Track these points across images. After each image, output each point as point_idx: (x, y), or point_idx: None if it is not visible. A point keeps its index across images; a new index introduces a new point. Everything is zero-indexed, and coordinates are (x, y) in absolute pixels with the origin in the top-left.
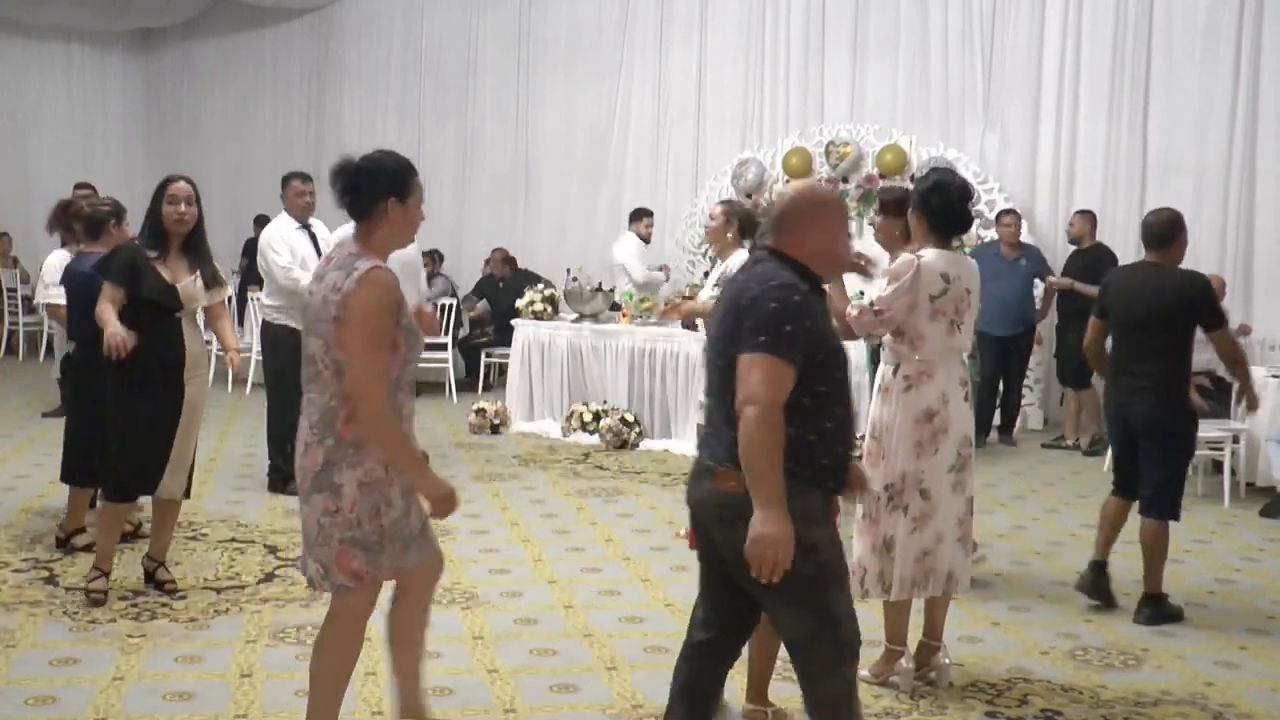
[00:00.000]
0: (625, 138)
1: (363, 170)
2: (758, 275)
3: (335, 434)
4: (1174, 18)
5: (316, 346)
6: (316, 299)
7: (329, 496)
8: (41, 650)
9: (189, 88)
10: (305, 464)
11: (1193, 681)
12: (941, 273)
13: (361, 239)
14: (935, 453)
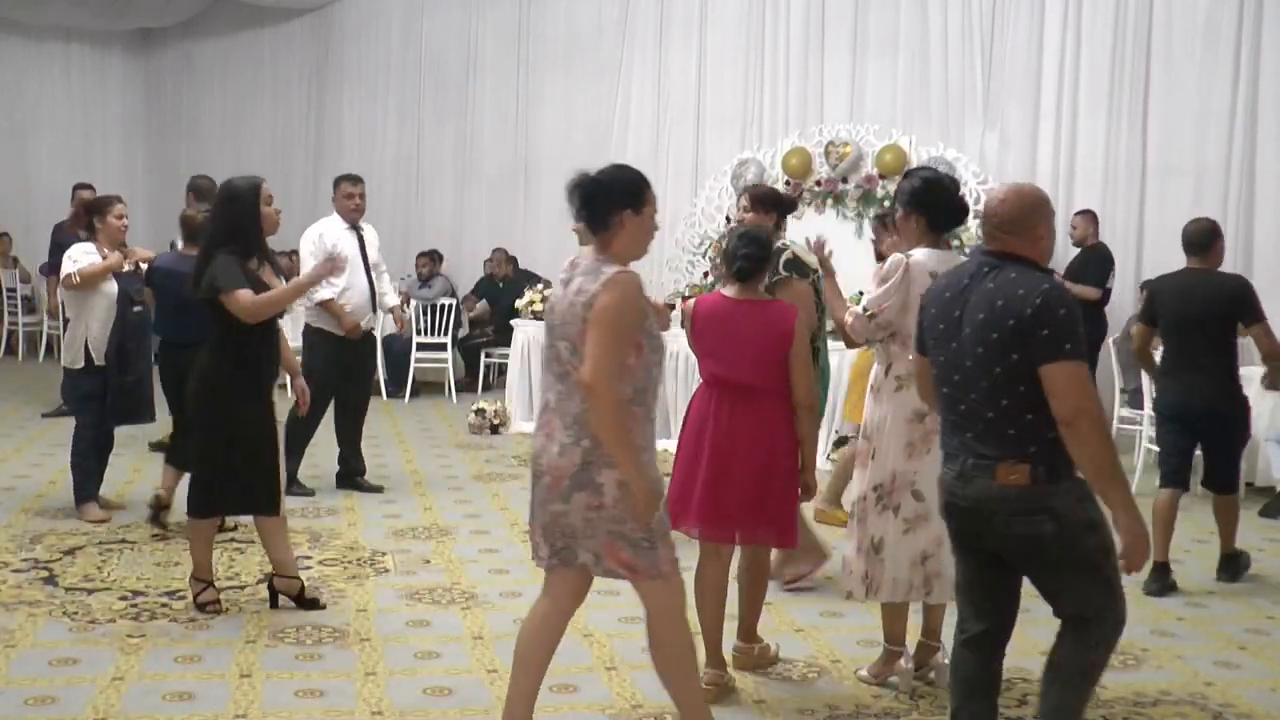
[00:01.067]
0: (625, 137)
1: (600, 184)
2: (1014, 283)
3: (592, 435)
4: (1174, 18)
5: (564, 349)
6: (563, 303)
7: (590, 494)
8: (41, 650)
9: (189, 87)
10: (562, 463)
11: (1192, 681)
12: (931, 271)
13: (601, 248)
14: (927, 453)
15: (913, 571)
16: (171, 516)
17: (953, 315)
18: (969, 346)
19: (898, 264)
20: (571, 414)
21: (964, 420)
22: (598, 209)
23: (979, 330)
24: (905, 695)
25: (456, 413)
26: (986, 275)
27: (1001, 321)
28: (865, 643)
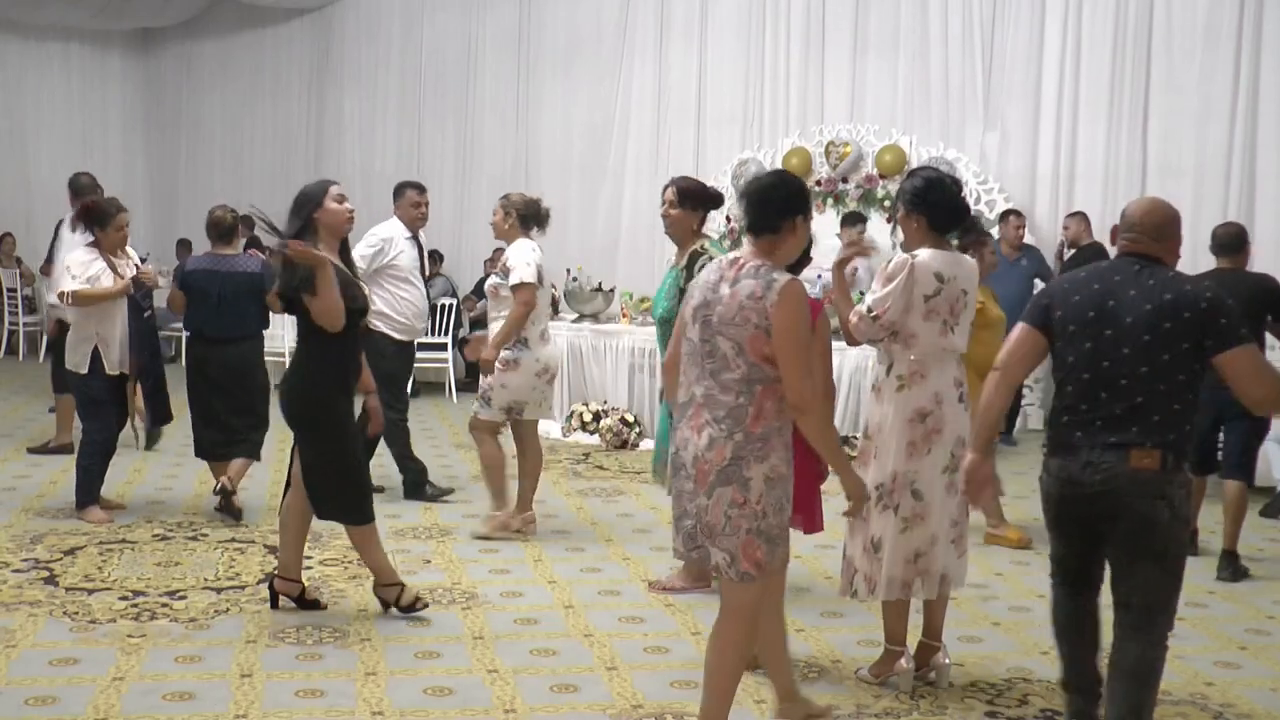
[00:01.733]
0: (625, 138)
1: (776, 190)
2: (1178, 280)
3: (744, 430)
4: (1174, 18)
5: (727, 347)
6: (729, 303)
7: (737, 489)
8: (42, 650)
9: (189, 87)
10: (710, 457)
11: (1193, 681)
12: (936, 272)
13: (765, 252)
14: (928, 453)
15: (906, 569)
16: (171, 516)
17: (1106, 305)
18: (1134, 334)
19: (903, 264)
20: (724, 408)
21: (1102, 406)
22: (771, 213)
23: (1148, 319)
24: (906, 695)
25: (456, 413)
26: (1139, 272)
27: (1175, 313)
28: (865, 643)
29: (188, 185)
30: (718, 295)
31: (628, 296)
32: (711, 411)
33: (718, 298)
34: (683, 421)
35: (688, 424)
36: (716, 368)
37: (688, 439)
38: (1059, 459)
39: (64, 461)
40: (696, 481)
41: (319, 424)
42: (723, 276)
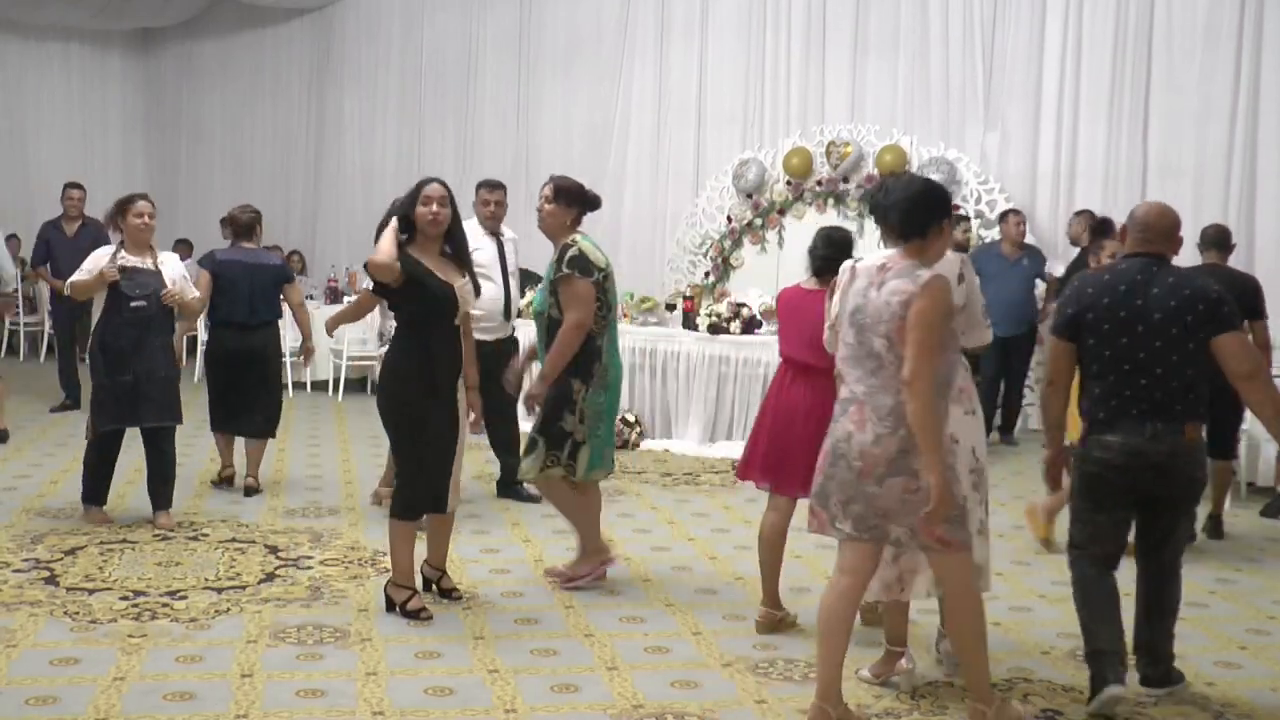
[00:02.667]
0: (625, 138)
1: (926, 196)
2: (1190, 276)
3: (907, 426)
4: (1174, 18)
5: (880, 345)
6: (879, 303)
7: (907, 479)
8: (42, 650)
9: (189, 87)
10: (876, 451)
11: (1193, 682)
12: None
13: (915, 253)
14: None
15: (885, 569)
16: (173, 517)
17: (1134, 304)
18: (1164, 328)
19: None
20: (887, 405)
21: (1145, 392)
22: (920, 219)
23: (1173, 314)
24: (906, 694)
25: None
26: (1157, 272)
27: (1193, 306)
28: (865, 643)
29: (188, 185)
30: (867, 299)
31: (628, 296)
32: (875, 409)
33: (866, 302)
34: (843, 416)
35: (849, 419)
36: (875, 367)
37: (850, 433)
38: (1120, 435)
39: (64, 461)
40: (862, 473)
41: (393, 418)
42: (871, 282)
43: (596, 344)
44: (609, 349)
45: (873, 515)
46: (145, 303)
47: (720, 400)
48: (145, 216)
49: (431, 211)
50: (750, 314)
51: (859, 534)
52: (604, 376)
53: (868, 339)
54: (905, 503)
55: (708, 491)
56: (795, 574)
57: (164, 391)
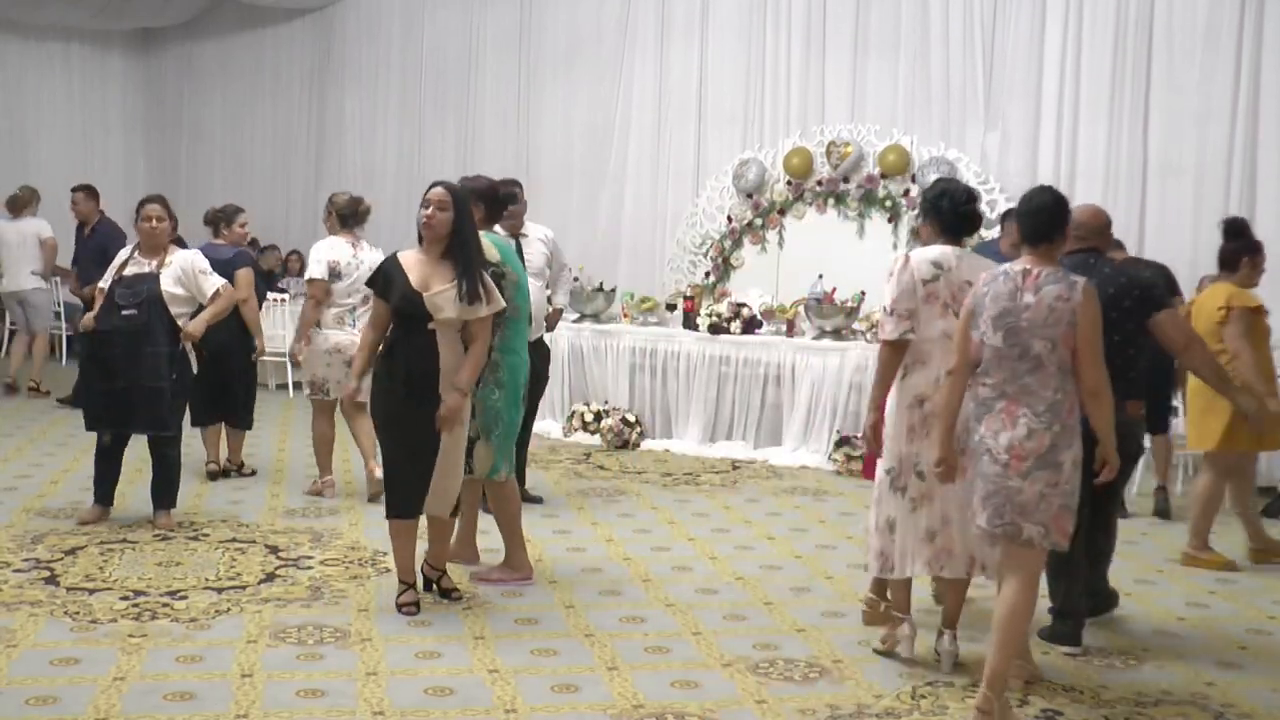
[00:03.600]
0: (626, 138)
1: (1057, 206)
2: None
3: (1062, 421)
4: (1174, 18)
5: (1041, 347)
6: (1039, 309)
7: (1051, 472)
8: (42, 650)
9: (189, 88)
10: (1030, 445)
11: (1193, 681)
12: (933, 261)
13: (1044, 257)
14: (928, 435)
15: (920, 547)
16: (174, 516)
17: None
18: (1106, 313)
19: (898, 259)
20: (1044, 402)
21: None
22: (1056, 226)
23: (1111, 300)
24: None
25: None
26: (1095, 265)
27: (1130, 291)
28: (865, 643)
29: (188, 185)
30: (1019, 304)
31: (629, 296)
32: (1029, 406)
33: (1020, 305)
34: (988, 414)
35: (997, 417)
36: (1030, 367)
37: (999, 430)
38: None
39: (64, 461)
40: (1009, 466)
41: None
42: (1018, 287)
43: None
44: (503, 347)
45: (1010, 511)
46: (136, 311)
47: (720, 400)
48: (153, 220)
49: (424, 214)
50: (750, 314)
51: (993, 527)
52: (495, 373)
53: (1024, 340)
54: (1043, 497)
55: (708, 491)
56: (796, 574)
57: (152, 402)
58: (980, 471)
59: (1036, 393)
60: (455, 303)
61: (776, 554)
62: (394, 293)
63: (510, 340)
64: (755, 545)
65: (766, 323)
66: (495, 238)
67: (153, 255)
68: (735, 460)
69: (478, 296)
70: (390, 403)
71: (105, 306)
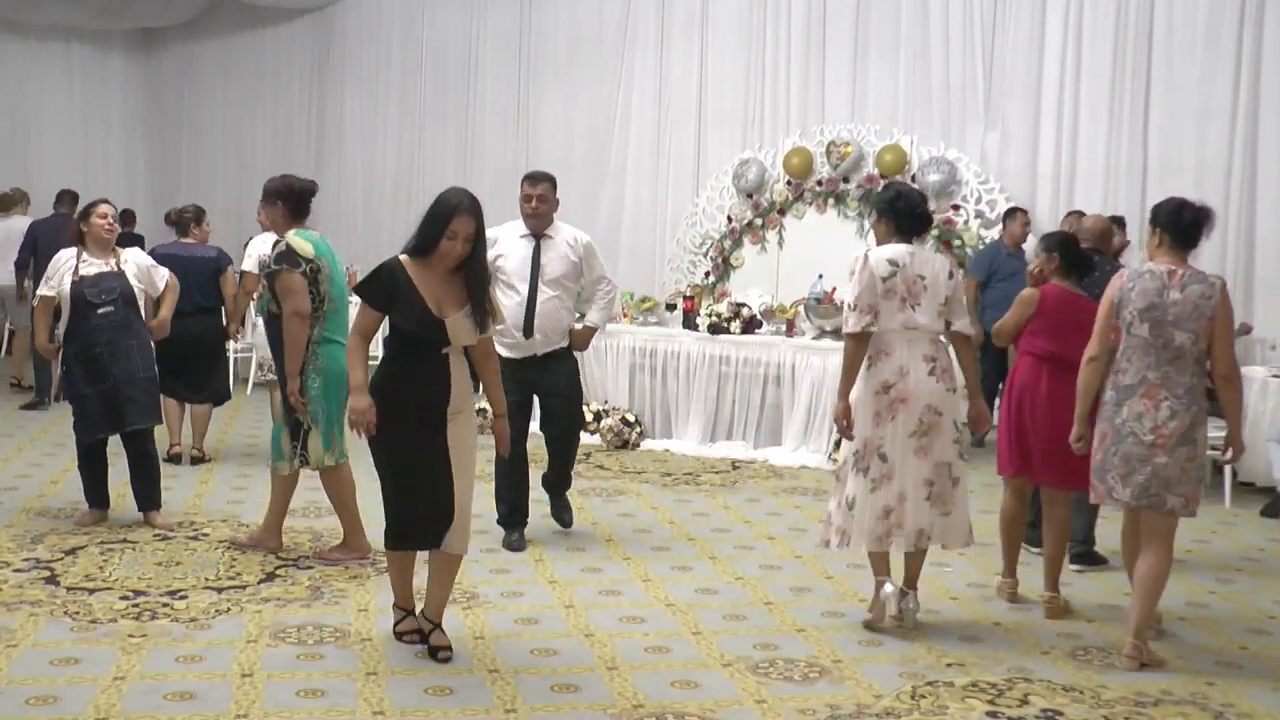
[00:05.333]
0: (626, 138)
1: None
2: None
3: (1198, 403)
4: (1174, 18)
5: (1184, 339)
6: (1185, 304)
7: (1190, 448)
8: (42, 650)
9: (190, 88)
10: (1174, 425)
11: (1194, 681)
12: (889, 259)
13: (1184, 259)
14: (894, 419)
15: (878, 524)
16: (172, 516)
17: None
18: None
19: (857, 258)
20: (1184, 387)
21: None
22: (1201, 236)
23: None
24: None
25: None
26: (1098, 262)
27: None
28: (866, 642)
29: (189, 185)
30: (1166, 299)
31: (629, 296)
32: (1170, 390)
33: (1167, 301)
34: (1130, 399)
35: (1140, 401)
36: (1172, 356)
37: (1142, 413)
38: None
39: (64, 461)
40: (1155, 445)
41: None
42: (1165, 285)
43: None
44: (320, 337)
45: (1155, 485)
46: (113, 307)
47: (720, 400)
48: (109, 219)
49: (456, 248)
50: (750, 314)
51: (1137, 501)
52: (315, 363)
53: (1168, 332)
54: (1184, 470)
55: (708, 491)
56: (797, 573)
57: (146, 392)
58: (1123, 453)
59: (1176, 379)
60: (472, 329)
61: (776, 554)
62: (406, 315)
63: (329, 330)
64: (755, 545)
65: (766, 322)
66: (307, 233)
67: (105, 255)
68: (735, 460)
69: (489, 319)
70: (400, 439)
71: (76, 311)
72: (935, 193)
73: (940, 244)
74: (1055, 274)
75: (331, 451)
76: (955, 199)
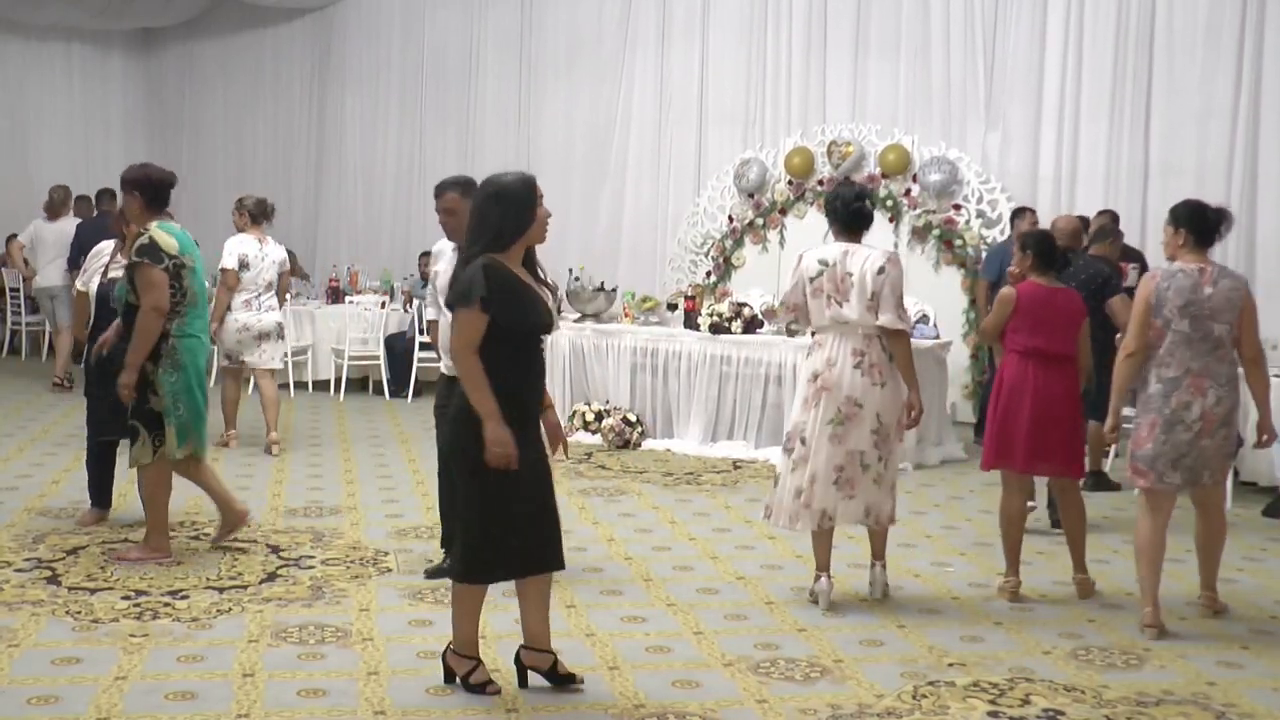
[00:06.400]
0: (627, 137)
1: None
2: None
3: (1235, 389)
4: (1175, 18)
5: (1221, 331)
6: (1220, 299)
7: (1228, 429)
8: (44, 650)
9: (190, 88)
10: (1219, 411)
11: (1195, 681)
12: (820, 258)
13: (1207, 257)
14: (816, 405)
15: (794, 502)
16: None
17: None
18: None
19: (797, 257)
20: (1224, 375)
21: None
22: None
23: (1082, 284)
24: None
25: None
26: (1070, 260)
27: (1095, 280)
28: (867, 642)
29: (189, 185)
30: (1201, 295)
31: (630, 296)
32: (1213, 379)
33: (1203, 297)
34: (1176, 390)
35: (1186, 391)
36: (1211, 347)
37: (1189, 402)
38: None
39: (66, 461)
40: (1202, 432)
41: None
42: (1199, 281)
43: (166, 326)
44: (180, 330)
45: (1200, 466)
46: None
47: (722, 400)
48: None
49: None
50: (752, 313)
51: (1188, 485)
52: (173, 356)
53: (1206, 325)
54: (1219, 449)
55: (709, 491)
56: (797, 573)
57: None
58: (1173, 441)
59: (1216, 368)
60: (554, 305)
61: (777, 553)
62: (530, 311)
63: (189, 325)
64: (756, 545)
65: (768, 322)
66: (170, 226)
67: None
68: (736, 460)
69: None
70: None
71: (99, 311)
72: (936, 192)
73: (942, 244)
74: (1031, 270)
75: (187, 446)
76: (956, 199)
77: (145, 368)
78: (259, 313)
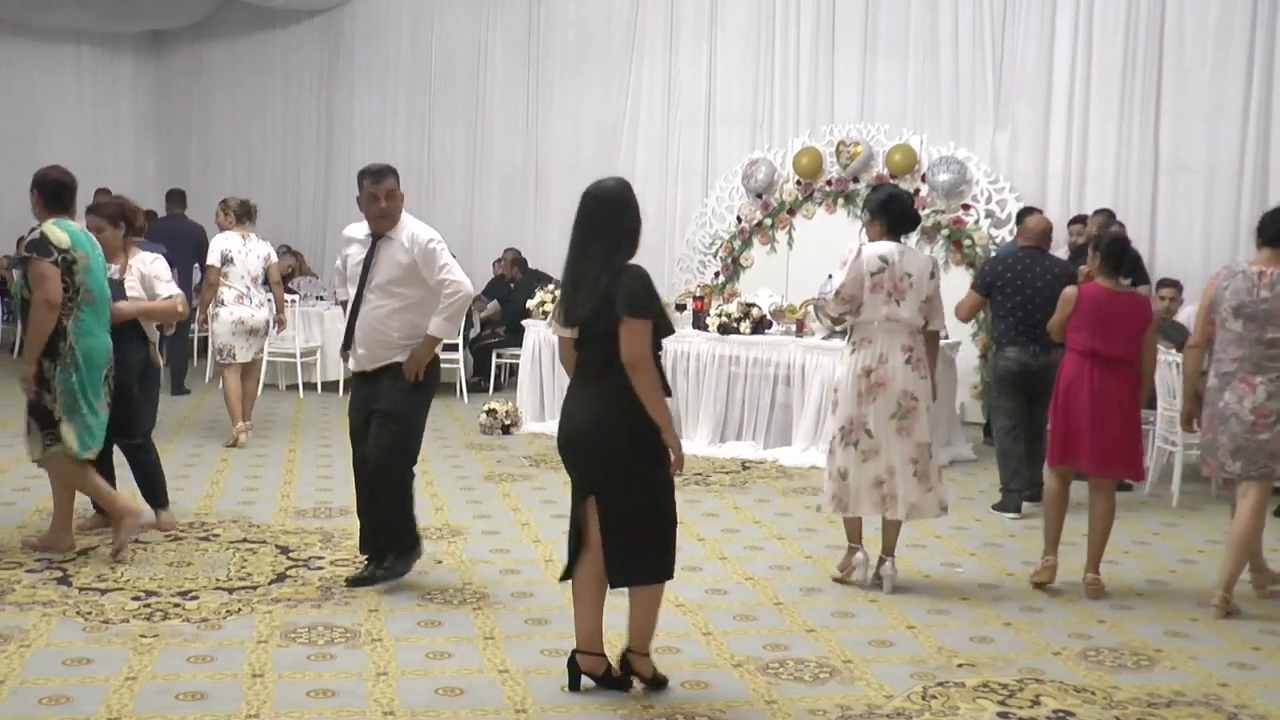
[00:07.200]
0: (635, 138)
1: None
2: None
3: None
4: (1185, 17)
5: (1277, 333)
6: (1276, 300)
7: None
8: (55, 650)
9: (199, 89)
10: (1272, 406)
11: (1207, 682)
12: (880, 255)
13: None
14: (874, 400)
15: (871, 492)
16: (183, 517)
17: (1026, 277)
18: (1044, 293)
19: (850, 250)
20: (1276, 371)
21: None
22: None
23: (1050, 284)
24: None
25: (467, 413)
26: (1039, 258)
27: (1060, 279)
28: (876, 642)
29: (199, 187)
30: (1257, 297)
31: None
32: (1264, 375)
33: (1258, 299)
34: (1228, 387)
35: (1239, 386)
36: (1265, 346)
37: (1242, 395)
38: (1016, 349)
39: None
40: (1255, 425)
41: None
42: (1255, 285)
43: (63, 324)
44: (77, 329)
45: (1263, 457)
46: None
47: (730, 400)
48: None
49: None
50: (760, 314)
51: (1248, 473)
52: (71, 356)
53: (1260, 326)
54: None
55: (718, 491)
56: (806, 574)
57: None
58: (1229, 432)
59: (1268, 365)
60: None
61: (786, 554)
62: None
63: (86, 324)
64: (765, 545)
65: (776, 323)
66: (65, 223)
67: (115, 258)
68: (745, 460)
69: None
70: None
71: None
72: (945, 192)
73: (950, 243)
74: (1099, 272)
75: (85, 445)
76: (965, 198)
77: (43, 365)
78: (252, 308)
